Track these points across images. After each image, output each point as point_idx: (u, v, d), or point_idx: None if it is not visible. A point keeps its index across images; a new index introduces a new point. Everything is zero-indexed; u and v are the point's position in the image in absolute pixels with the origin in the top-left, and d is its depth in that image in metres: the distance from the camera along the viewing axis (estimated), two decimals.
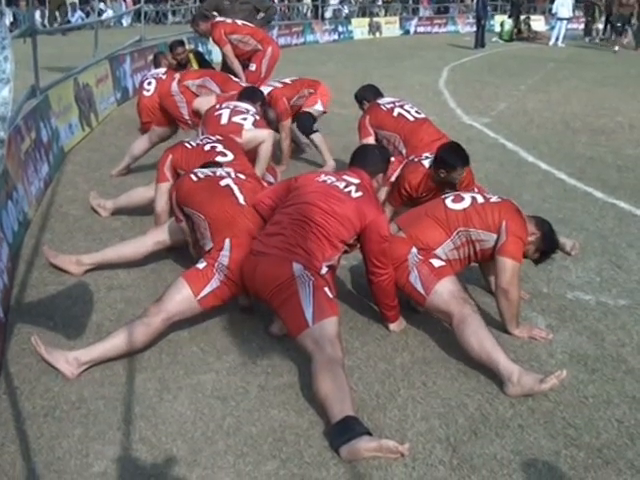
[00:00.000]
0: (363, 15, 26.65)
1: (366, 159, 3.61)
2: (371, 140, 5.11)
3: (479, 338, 3.10)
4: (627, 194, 5.94)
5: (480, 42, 20.16)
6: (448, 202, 3.58)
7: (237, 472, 2.51)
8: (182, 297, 3.24)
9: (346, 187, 3.37)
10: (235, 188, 3.63)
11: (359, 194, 3.35)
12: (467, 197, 3.59)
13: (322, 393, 2.74)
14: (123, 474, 2.49)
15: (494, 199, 3.59)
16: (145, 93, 7.54)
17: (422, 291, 3.32)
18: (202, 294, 3.26)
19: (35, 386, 2.97)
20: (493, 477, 2.53)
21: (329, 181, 3.42)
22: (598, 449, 2.70)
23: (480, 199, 3.57)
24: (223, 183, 3.65)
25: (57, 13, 22.47)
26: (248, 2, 8.28)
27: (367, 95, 5.51)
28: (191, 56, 8.30)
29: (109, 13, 23.35)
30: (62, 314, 3.61)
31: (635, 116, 9.64)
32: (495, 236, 3.43)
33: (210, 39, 7.86)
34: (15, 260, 4.19)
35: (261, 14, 8.40)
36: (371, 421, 2.79)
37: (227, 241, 3.37)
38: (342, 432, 2.60)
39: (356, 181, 3.43)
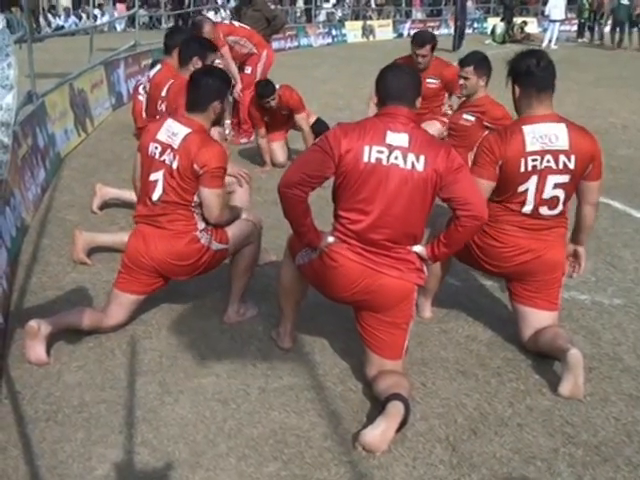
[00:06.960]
0: (356, 18, 26.67)
1: (405, 89, 2.87)
2: None
3: None
4: (621, 194, 5.98)
5: (457, 44, 19.55)
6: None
7: (239, 474, 2.54)
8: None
9: (405, 161, 2.77)
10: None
11: (422, 157, 2.77)
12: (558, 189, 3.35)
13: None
14: (126, 477, 2.51)
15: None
16: (140, 98, 7.56)
17: None
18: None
19: (37, 391, 2.99)
20: (493, 475, 2.56)
21: (385, 160, 2.76)
22: (596, 446, 2.73)
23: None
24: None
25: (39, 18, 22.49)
26: (260, 10, 8.39)
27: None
28: None
29: (105, 18, 23.33)
30: None
31: (628, 117, 9.69)
32: None
33: None
34: (14, 266, 4.20)
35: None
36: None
37: None
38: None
39: (405, 139, 2.77)
